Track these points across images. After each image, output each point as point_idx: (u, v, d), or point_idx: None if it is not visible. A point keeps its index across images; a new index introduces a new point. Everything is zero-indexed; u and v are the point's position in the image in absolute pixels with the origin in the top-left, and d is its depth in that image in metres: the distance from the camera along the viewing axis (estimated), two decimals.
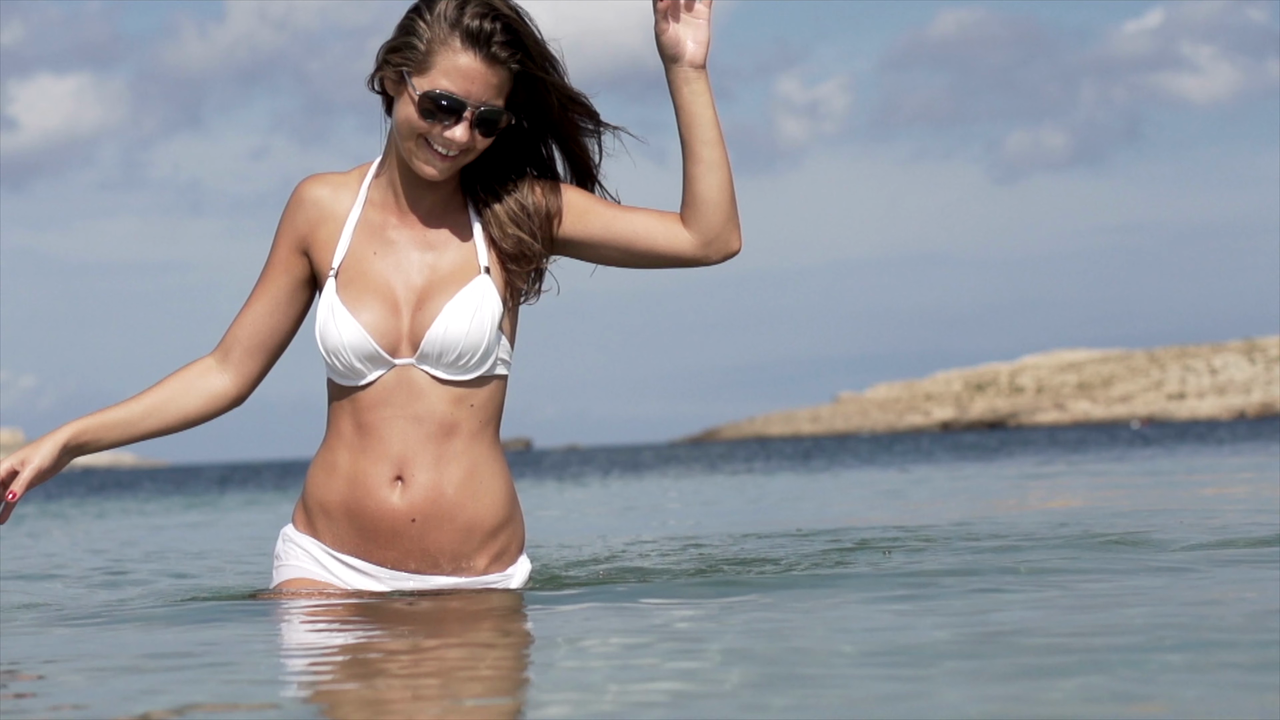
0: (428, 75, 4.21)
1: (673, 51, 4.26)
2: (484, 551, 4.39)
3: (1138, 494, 11.11)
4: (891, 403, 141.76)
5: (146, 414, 4.43)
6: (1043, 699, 2.74)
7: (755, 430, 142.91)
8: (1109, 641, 3.32)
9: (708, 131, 4.27)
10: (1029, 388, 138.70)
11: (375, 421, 4.31)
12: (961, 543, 6.18)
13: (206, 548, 9.22)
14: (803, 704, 2.78)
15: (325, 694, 3.15)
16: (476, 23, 4.19)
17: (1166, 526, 6.62)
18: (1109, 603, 4.07)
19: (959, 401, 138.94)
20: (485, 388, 4.35)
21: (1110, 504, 9.89)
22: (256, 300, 4.44)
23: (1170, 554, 5.31)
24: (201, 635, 4.14)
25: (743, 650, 3.43)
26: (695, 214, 4.29)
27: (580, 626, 4.01)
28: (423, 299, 4.31)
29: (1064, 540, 6.04)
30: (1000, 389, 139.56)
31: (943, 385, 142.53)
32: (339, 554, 4.39)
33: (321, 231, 4.39)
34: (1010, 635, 3.51)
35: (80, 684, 3.33)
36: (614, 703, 2.88)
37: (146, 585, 6.18)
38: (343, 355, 4.28)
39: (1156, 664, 3.01)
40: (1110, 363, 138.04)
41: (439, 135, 4.21)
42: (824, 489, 15.84)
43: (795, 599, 4.39)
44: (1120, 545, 5.70)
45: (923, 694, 2.85)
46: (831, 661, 3.20)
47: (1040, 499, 11.00)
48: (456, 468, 4.33)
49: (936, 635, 3.53)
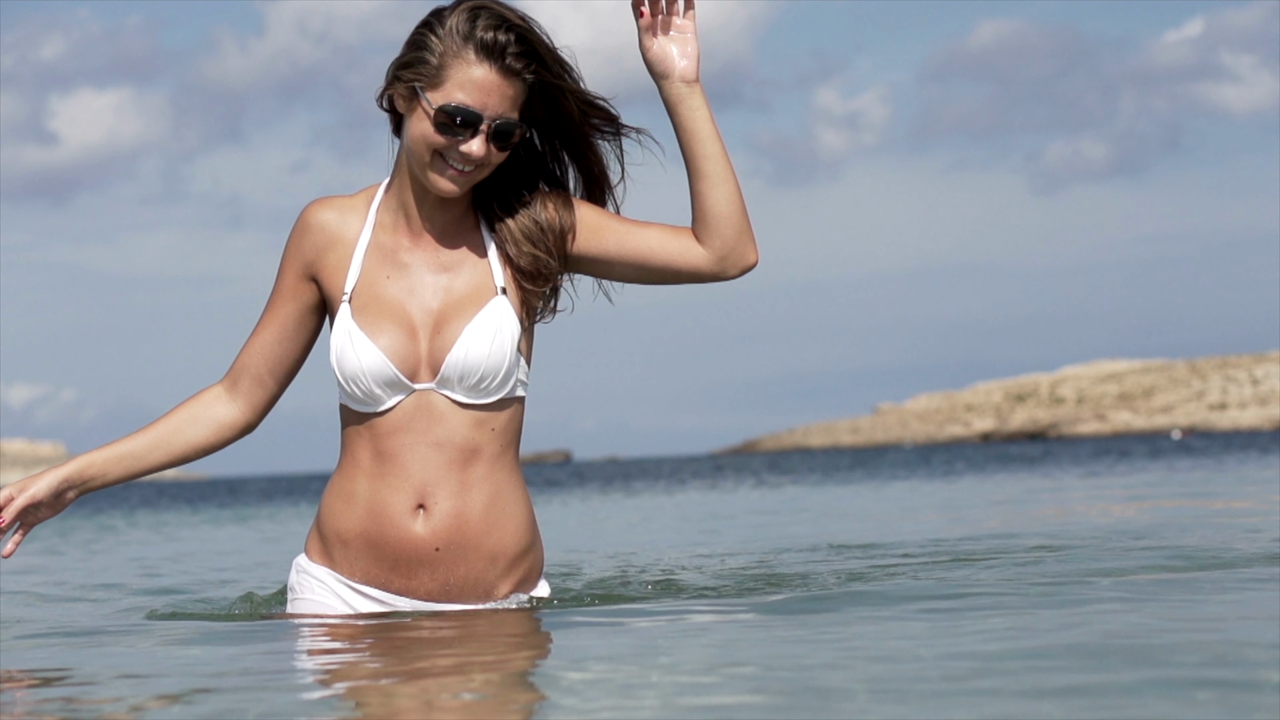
0: (442, 89, 4.13)
1: (661, 68, 4.19)
2: (507, 579, 4.31)
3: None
4: (931, 414, 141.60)
5: (153, 446, 4.36)
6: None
7: (795, 442, 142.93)
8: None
9: (708, 146, 4.18)
10: (1069, 398, 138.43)
11: (394, 448, 4.22)
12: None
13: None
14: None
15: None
16: (490, 34, 4.12)
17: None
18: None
19: (999, 412, 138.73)
20: (505, 411, 4.26)
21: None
22: (264, 328, 4.35)
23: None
24: (223, 652, 4.02)
25: (774, 670, 3.30)
26: (707, 230, 4.20)
27: (608, 645, 3.87)
28: (440, 322, 4.22)
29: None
30: (1041, 400, 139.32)
31: (983, 396, 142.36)
32: (356, 584, 4.29)
33: (330, 257, 4.30)
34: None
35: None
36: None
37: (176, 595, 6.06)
38: (362, 382, 4.19)
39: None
40: (1151, 373, 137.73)
41: (455, 150, 4.14)
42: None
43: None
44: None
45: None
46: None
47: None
48: (479, 494, 4.24)
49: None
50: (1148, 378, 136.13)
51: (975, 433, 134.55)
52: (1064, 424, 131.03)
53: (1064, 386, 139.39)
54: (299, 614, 4.37)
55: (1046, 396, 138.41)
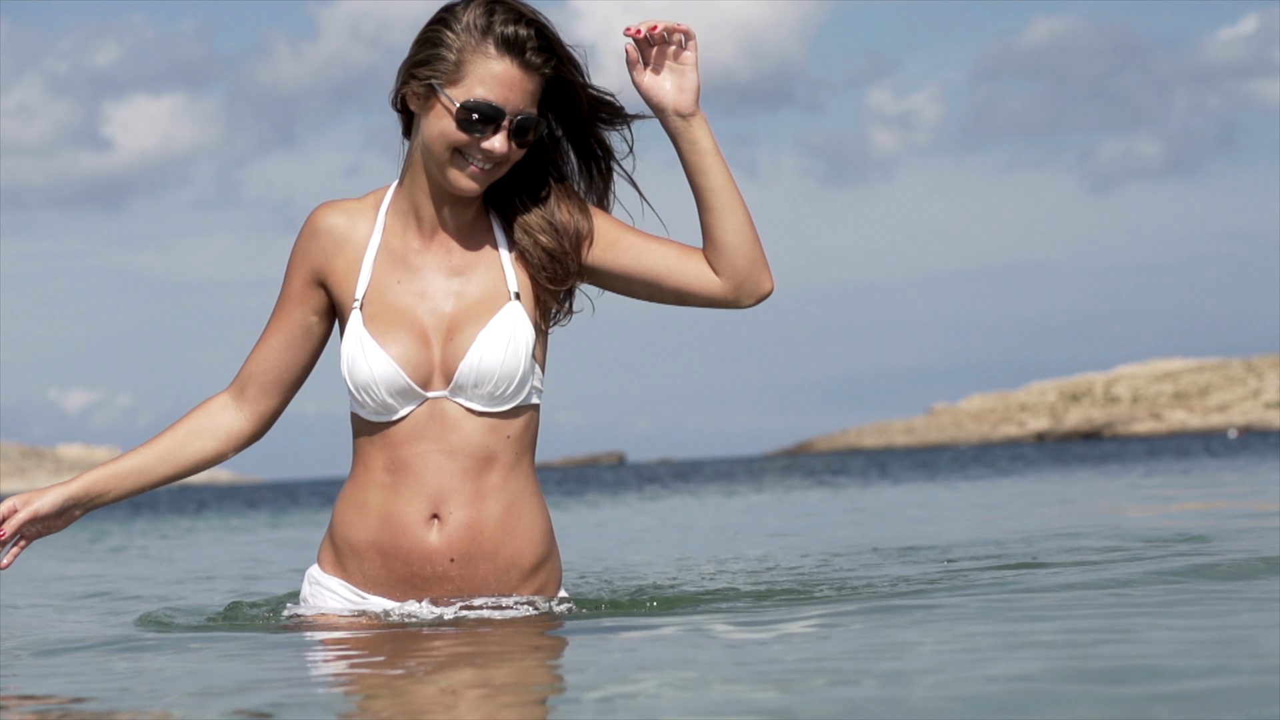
0: (462, 85, 4.05)
1: (655, 102, 4.11)
2: (524, 589, 4.23)
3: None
4: (986, 414, 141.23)
5: (160, 460, 4.30)
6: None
7: (849, 442, 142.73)
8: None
9: (712, 179, 4.09)
10: (1124, 397, 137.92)
11: (408, 457, 4.14)
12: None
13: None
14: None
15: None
16: (510, 29, 4.04)
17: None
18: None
19: (1054, 412, 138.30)
20: (520, 418, 4.18)
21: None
22: (271, 335, 4.28)
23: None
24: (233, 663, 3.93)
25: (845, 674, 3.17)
26: (718, 259, 4.12)
27: (645, 655, 3.77)
28: (453, 328, 4.14)
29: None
30: (1095, 399, 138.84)
31: (1037, 396, 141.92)
32: (370, 595, 4.22)
33: (339, 261, 4.21)
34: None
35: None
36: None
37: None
38: (374, 391, 4.11)
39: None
40: (1206, 372, 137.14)
41: (476, 147, 4.06)
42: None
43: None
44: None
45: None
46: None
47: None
48: (495, 503, 4.15)
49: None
50: (1203, 376, 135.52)
51: (1030, 432, 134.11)
52: (1119, 423, 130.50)
53: (1119, 386, 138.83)
54: (310, 624, 4.30)
55: (1101, 396, 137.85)
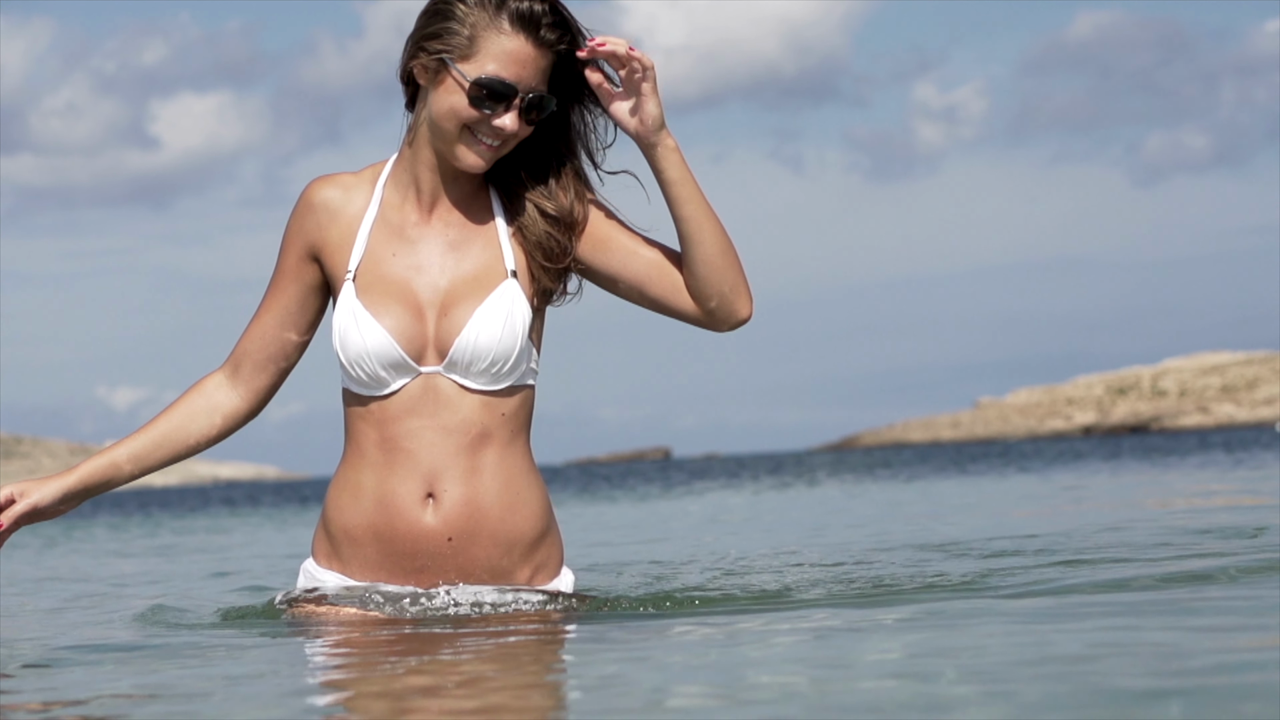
0: (474, 61, 4.00)
1: (621, 127, 4.07)
2: (524, 567, 4.16)
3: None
4: (1032, 408, 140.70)
5: (157, 445, 4.25)
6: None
7: (895, 437, 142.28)
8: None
9: (681, 207, 4.04)
10: (1171, 391, 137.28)
11: (401, 434, 4.08)
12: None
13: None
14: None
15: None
16: (525, 4, 3.99)
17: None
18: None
19: (1100, 405, 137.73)
20: (515, 396, 4.13)
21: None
22: (266, 311, 4.22)
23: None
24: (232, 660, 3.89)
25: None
26: (691, 285, 4.06)
27: (687, 655, 3.65)
28: (448, 303, 4.08)
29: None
30: (1142, 393, 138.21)
31: (1084, 389, 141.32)
32: (367, 584, 4.14)
33: (333, 234, 4.16)
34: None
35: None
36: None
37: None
38: (366, 364, 4.06)
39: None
40: (1254, 365, 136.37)
41: (487, 124, 4.00)
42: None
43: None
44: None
45: None
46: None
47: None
48: (491, 480, 4.09)
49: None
50: (1250, 369, 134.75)
51: (1076, 426, 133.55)
52: (1166, 417, 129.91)
53: (1166, 379, 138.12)
54: (306, 621, 4.21)
55: (1148, 389, 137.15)
